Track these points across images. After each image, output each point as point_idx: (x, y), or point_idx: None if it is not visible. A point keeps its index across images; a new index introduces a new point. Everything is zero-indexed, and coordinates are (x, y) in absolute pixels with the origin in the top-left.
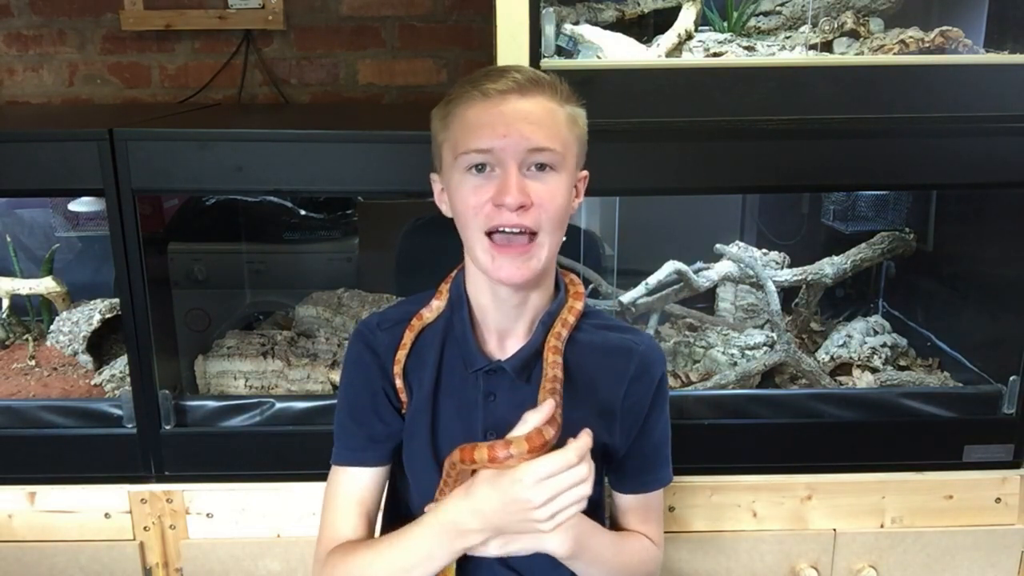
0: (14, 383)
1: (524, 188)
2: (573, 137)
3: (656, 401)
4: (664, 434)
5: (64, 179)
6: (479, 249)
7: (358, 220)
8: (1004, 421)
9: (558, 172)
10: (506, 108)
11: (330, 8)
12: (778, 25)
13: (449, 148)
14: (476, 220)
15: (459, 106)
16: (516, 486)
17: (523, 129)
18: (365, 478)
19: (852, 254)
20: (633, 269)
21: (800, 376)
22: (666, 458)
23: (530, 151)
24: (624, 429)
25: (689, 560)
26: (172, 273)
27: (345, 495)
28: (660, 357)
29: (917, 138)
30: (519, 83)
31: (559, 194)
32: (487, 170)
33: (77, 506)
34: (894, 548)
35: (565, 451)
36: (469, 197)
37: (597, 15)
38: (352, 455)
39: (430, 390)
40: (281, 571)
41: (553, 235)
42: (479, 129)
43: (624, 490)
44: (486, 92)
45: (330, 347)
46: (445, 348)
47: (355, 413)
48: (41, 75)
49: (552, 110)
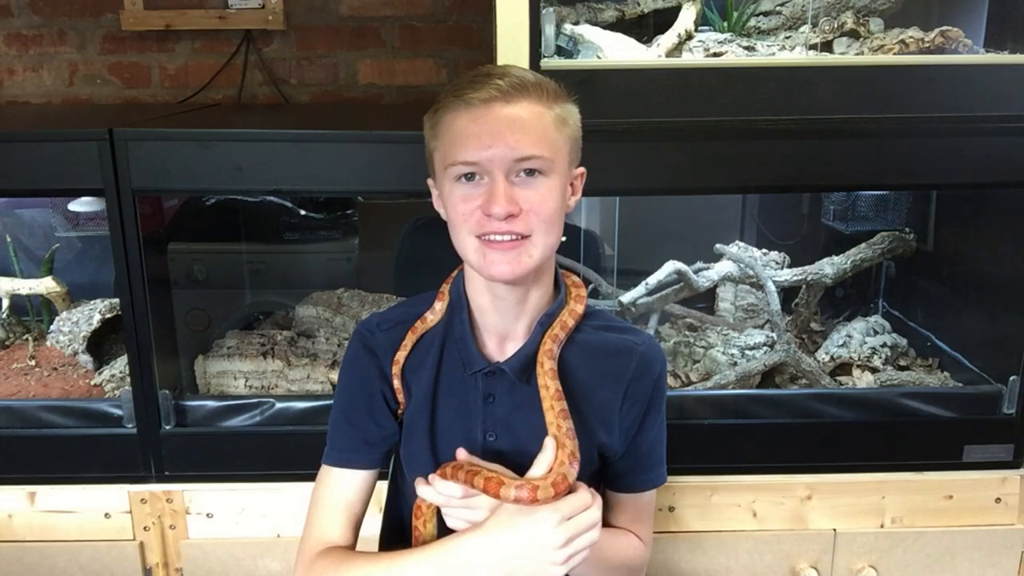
0: (14, 383)
1: (512, 197)
2: (563, 138)
3: (654, 401)
4: (660, 434)
5: (64, 179)
6: (470, 250)
7: (358, 220)
8: (1004, 421)
9: (548, 176)
10: (490, 117)
11: (330, 8)
12: (778, 25)
13: (439, 157)
14: (466, 226)
15: (446, 115)
16: (538, 527)
17: (508, 139)
18: (355, 481)
19: (852, 254)
20: (633, 269)
21: (800, 376)
22: (661, 458)
23: (517, 160)
24: (623, 429)
25: (689, 560)
26: (172, 273)
27: (333, 496)
28: (660, 357)
29: (917, 138)
30: (503, 90)
31: (550, 198)
32: (476, 179)
33: (77, 506)
34: (894, 548)
35: (582, 494)
36: (459, 205)
37: (597, 15)
38: (343, 456)
39: (429, 391)
40: (281, 571)
41: (547, 235)
42: (464, 140)
43: (618, 488)
44: (469, 101)
45: (330, 347)
46: (444, 349)
47: (350, 414)
48: (41, 75)
49: (539, 114)
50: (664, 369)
